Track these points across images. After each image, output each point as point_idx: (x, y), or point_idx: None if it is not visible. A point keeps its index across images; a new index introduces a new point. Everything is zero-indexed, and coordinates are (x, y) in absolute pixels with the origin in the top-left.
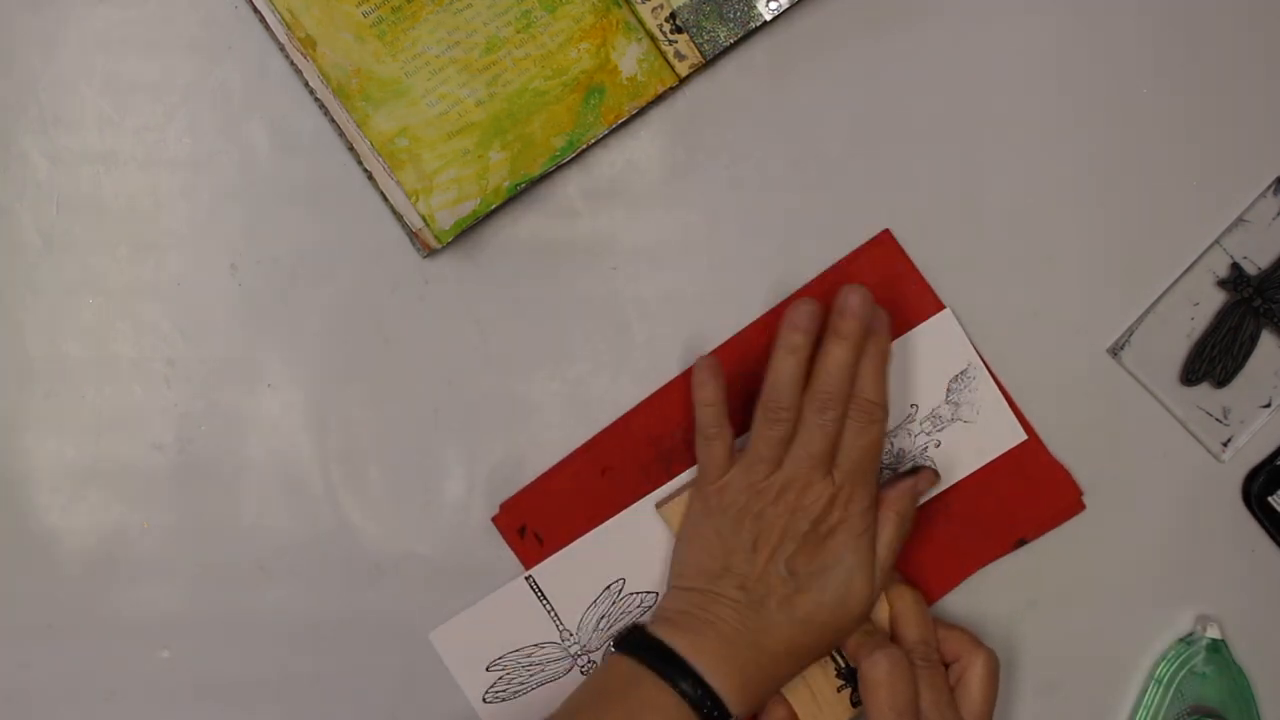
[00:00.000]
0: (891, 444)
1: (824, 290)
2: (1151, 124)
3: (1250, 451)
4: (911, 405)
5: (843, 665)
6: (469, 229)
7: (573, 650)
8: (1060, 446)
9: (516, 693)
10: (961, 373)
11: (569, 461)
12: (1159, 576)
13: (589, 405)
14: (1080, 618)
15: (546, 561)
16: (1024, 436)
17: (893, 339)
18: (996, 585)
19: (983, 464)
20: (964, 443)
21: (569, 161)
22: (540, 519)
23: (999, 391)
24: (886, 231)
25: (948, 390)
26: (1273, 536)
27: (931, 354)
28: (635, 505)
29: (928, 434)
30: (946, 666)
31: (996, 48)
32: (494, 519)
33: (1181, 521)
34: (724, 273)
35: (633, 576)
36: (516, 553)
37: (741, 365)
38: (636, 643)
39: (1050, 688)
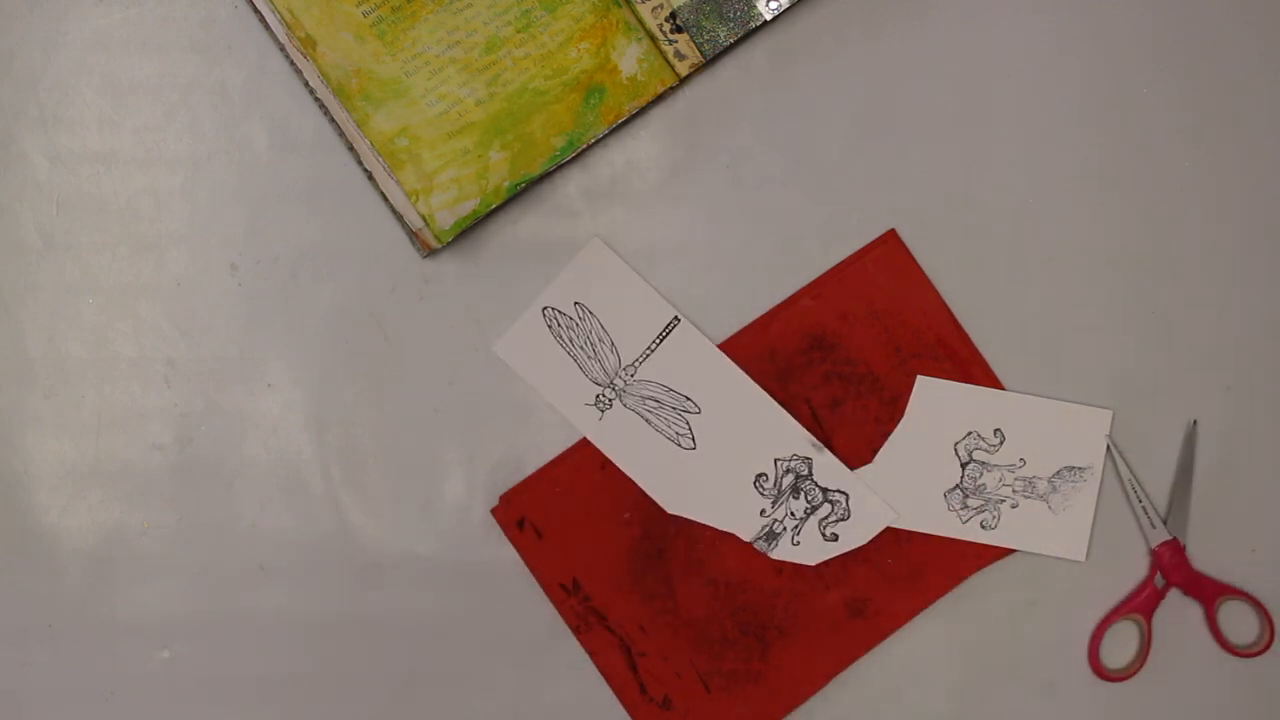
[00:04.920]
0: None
1: (826, 290)
2: (1153, 123)
3: None
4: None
5: None
6: (469, 229)
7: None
8: None
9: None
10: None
11: (569, 455)
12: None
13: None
14: (1079, 618)
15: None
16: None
17: (896, 341)
18: (997, 585)
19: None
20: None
21: (569, 161)
22: (540, 512)
23: None
24: (892, 231)
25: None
26: None
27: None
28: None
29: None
30: None
31: (997, 47)
32: (493, 510)
33: None
34: (724, 273)
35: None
36: (515, 545)
37: (742, 364)
38: None
39: (1050, 688)
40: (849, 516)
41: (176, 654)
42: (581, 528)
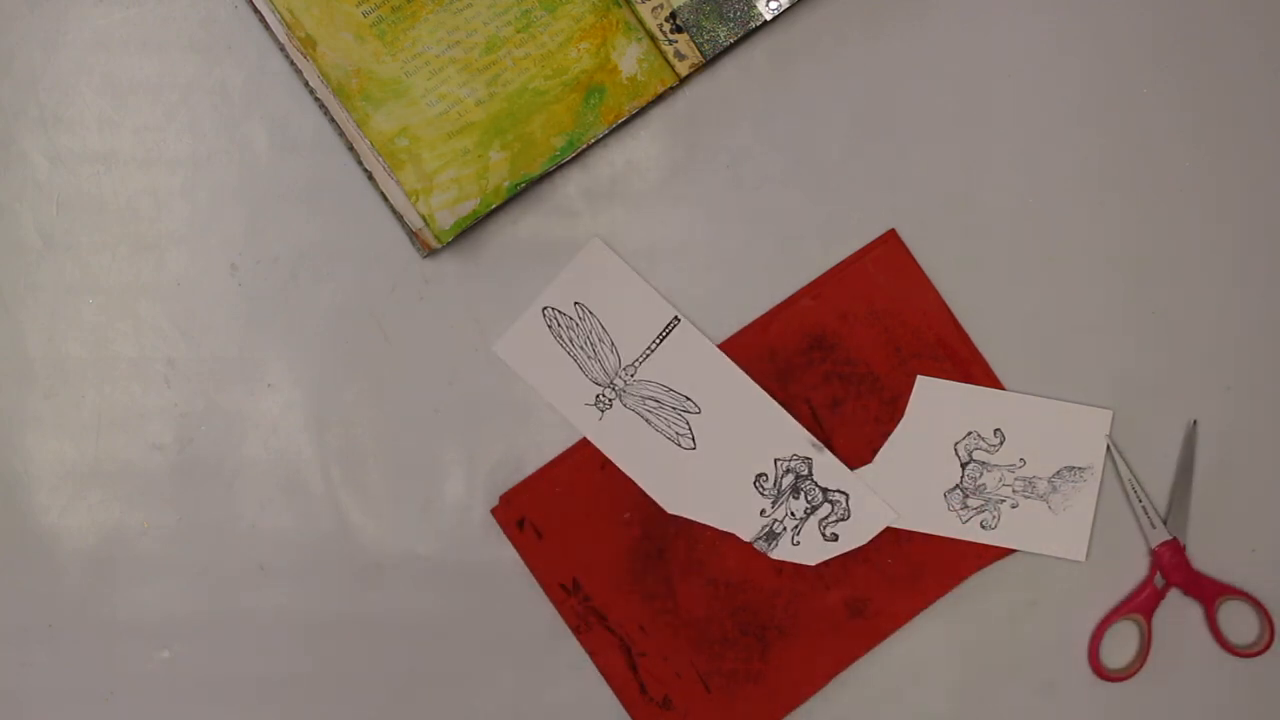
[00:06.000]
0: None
1: (826, 290)
2: (1153, 123)
3: None
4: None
5: None
6: (469, 229)
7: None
8: None
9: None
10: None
11: (569, 455)
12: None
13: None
14: (1079, 618)
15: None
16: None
17: (896, 341)
18: (996, 585)
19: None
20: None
21: (569, 161)
22: (540, 512)
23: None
24: (892, 231)
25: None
26: None
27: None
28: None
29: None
30: None
31: (997, 47)
32: (493, 510)
33: None
34: (724, 273)
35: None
36: (515, 545)
37: (742, 364)
38: None
39: (1050, 688)
40: (849, 516)
41: (176, 654)
42: (581, 528)
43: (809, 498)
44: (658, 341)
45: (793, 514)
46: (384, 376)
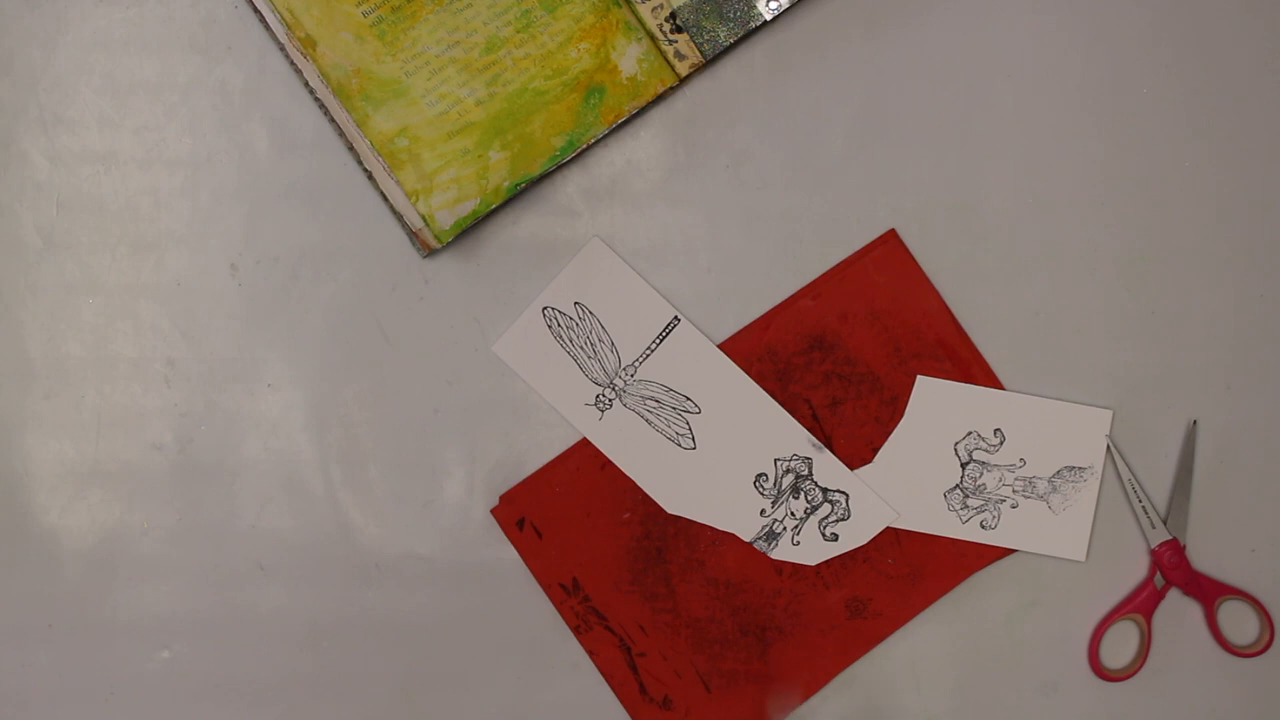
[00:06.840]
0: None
1: (826, 290)
2: (1153, 123)
3: None
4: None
5: None
6: (469, 229)
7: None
8: None
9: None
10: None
11: (569, 455)
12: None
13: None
14: (1079, 618)
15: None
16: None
17: (896, 341)
18: (997, 585)
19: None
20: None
21: (569, 161)
22: (540, 512)
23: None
24: (892, 231)
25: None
26: None
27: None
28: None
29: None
30: None
31: (997, 47)
32: (493, 510)
33: None
34: (724, 273)
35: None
36: (515, 545)
37: (742, 364)
38: None
39: (1050, 688)
40: (849, 516)
41: (176, 654)
42: (581, 528)
43: (809, 498)
44: (658, 341)
45: (793, 514)
46: (384, 376)
